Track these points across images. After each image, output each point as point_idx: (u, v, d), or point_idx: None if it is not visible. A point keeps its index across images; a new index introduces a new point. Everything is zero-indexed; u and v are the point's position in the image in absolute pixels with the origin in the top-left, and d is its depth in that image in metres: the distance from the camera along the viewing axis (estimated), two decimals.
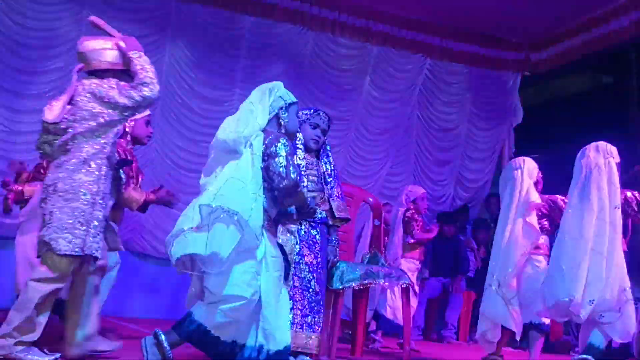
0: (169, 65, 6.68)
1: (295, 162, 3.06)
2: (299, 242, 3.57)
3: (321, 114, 3.71)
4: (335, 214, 3.73)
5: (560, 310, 3.76)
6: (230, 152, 2.92)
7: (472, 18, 7.22)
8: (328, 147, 3.82)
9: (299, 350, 3.50)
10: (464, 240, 7.09)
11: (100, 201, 3.13)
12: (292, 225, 3.51)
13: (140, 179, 4.11)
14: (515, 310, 4.10)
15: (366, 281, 4.14)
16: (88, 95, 3.08)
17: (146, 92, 3.06)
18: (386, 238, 5.74)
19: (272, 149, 2.88)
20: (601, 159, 3.84)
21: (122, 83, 3.10)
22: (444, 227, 6.79)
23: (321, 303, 3.61)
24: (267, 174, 2.88)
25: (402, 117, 7.72)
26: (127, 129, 3.92)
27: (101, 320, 3.96)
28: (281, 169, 2.85)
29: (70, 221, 3.01)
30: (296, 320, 3.49)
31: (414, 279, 5.37)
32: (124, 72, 3.18)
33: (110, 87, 3.07)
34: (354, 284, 4.05)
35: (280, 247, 3.11)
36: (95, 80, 3.12)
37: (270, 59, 7.02)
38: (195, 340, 2.82)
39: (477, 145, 8.14)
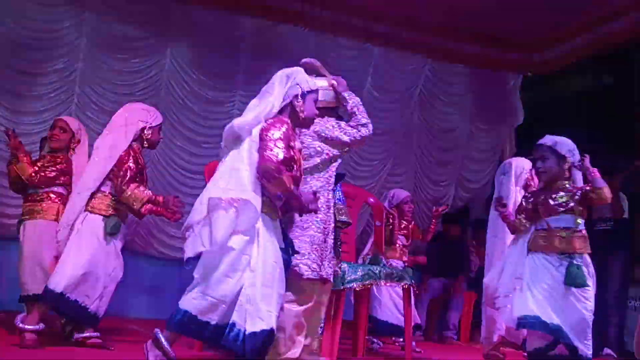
0: (169, 67, 6.66)
1: (294, 146, 3.01)
2: None
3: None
4: (336, 217, 3.73)
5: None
6: (236, 139, 2.94)
7: (474, 19, 7.20)
8: None
9: None
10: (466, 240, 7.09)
11: (331, 229, 3.36)
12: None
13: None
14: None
15: (367, 282, 4.14)
16: (313, 134, 3.33)
17: (365, 132, 3.42)
18: (406, 231, 5.69)
19: (263, 133, 2.90)
20: None
21: (342, 123, 3.40)
22: (449, 228, 6.78)
23: None
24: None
25: (403, 117, 7.71)
26: (142, 135, 4.02)
27: (103, 320, 3.98)
28: (265, 152, 2.85)
29: (308, 249, 3.22)
30: None
31: None
32: (332, 109, 3.45)
33: (333, 127, 3.37)
34: (355, 285, 4.05)
35: (288, 243, 3.09)
36: (318, 120, 3.33)
37: (271, 60, 6.97)
38: (185, 328, 2.80)
39: (478, 146, 8.12)
